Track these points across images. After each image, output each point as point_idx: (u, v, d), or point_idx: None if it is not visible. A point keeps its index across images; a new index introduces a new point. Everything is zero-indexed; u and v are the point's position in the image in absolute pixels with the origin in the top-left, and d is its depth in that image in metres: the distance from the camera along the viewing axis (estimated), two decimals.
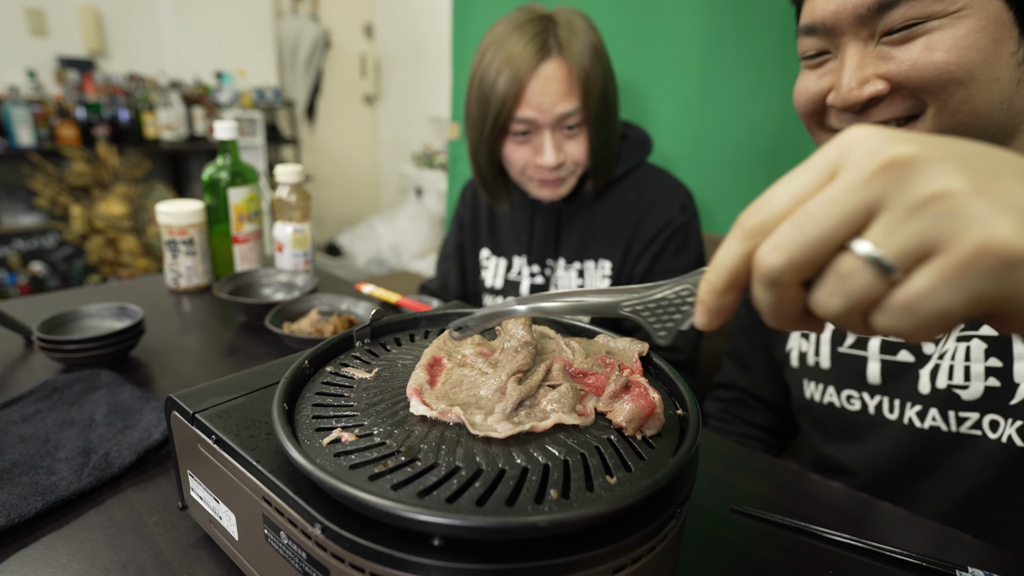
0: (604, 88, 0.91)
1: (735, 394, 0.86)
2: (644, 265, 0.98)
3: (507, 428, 0.36)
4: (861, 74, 0.54)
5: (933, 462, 0.61)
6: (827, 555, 0.48)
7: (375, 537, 0.30)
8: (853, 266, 0.24)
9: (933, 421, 0.60)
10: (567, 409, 0.38)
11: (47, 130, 2.87)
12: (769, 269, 0.25)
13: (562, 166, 0.95)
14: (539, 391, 0.39)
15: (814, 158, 0.25)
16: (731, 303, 0.28)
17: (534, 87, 0.89)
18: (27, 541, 0.46)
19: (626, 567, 0.31)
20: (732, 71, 1.27)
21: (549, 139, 0.92)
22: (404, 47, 4.18)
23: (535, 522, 0.28)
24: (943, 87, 0.51)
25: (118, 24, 3.22)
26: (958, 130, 0.53)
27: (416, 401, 0.38)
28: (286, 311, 0.85)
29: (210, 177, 1.03)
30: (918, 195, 0.23)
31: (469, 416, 0.37)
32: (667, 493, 0.34)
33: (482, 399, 0.39)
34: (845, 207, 0.24)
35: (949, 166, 0.23)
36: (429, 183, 3.71)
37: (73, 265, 2.99)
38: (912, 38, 0.51)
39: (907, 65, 0.51)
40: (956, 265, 0.22)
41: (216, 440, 0.39)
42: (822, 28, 0.56)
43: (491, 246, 1.12)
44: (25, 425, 0.59)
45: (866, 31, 0.53)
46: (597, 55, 0.90)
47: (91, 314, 0.80)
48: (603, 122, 0.93)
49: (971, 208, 0.22)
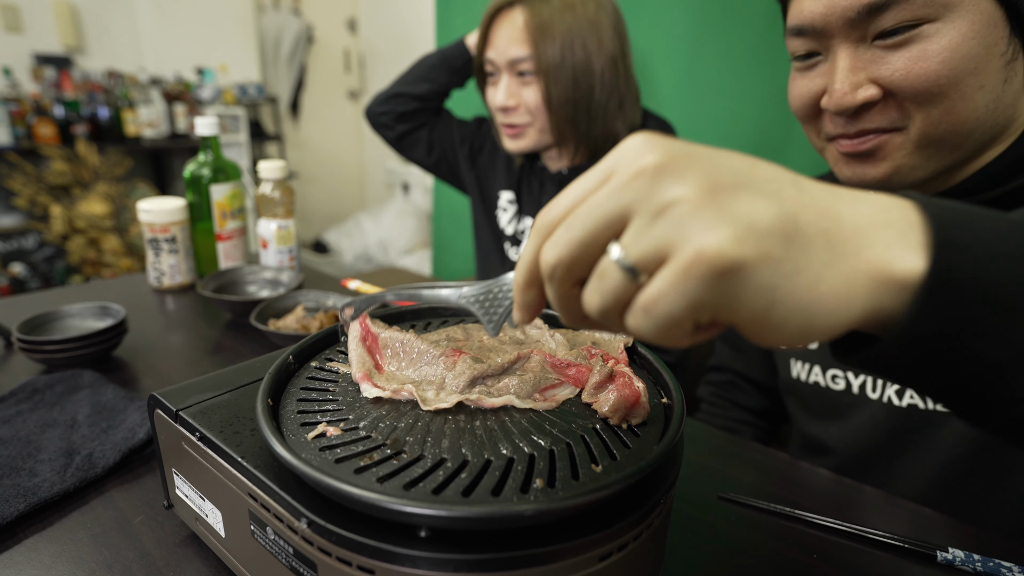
0: (569, 44, 0.94)
1: (727, 376, 0.87)
2: None
3: (455, 398, 0.38)
4: (854, 78, 0.53)
5: (910, 439, 0.62)
6: (812, 539, 0.48)
7: (361, 530, 0.30)
8: (607, 267, 0.25)
9: (911, 399, 0.61)
10: (523, 394, 0.39)
11: (24, 128, 2.82)
12: (544, 265, 0.27)
13: (514, 111, 1.02)
14: (503, 375, 0.41)
15: (599, 164, 0.27)
16: (535, 298, 0.29)
17: (496, 30, 1.00)
18: (10, 543, 0.46)
19: (612, 554, 0.31)
20: (717, 63, 1.28)
21: (504, 80, 1.01)
22: (388, 42, 4.15)
23: (521, 511, 0.28)
24: (930, 98, 0.51)
25: (95, 19, 3.16)
26: (945, 138, 0.52)
27: (367, 385, 0.39)
28: (271, 308, 0.84)
29: (192, 174, 1.02)
30: (658, 202, 0.24)
31: (421, 393, 0.38)
32: (652, 480, 0.34)
33: (432, 375, 0.41)
34: (603, 210, 0.25)
35: (691, 175, 0.23)
36: (416, 178, 3.69)
37: (54, 266, 2.94)
38: (904, 44, 0.50)
39: (900, 73, 0.51)
40: (678, 271, 0.23)
41: (200, 437, 0.39)
42: (811, 30, 0.55)
43: (516, 193, 1.16)
44: (6, 427, 0.58)
45: (857, 33, 0.52)
46: (570, 11, 0.94)
47: (72, 314, 0.79)
48: (565, 78, 0.96)
49: (696, 217, 0.23)
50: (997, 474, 0.58)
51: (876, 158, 0.56)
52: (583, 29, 0.95)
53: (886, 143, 0.55)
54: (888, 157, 0.55)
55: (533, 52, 0.96)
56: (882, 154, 0.55)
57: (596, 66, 0.97)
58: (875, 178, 0.56)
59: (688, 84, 1.32)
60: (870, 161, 0.56)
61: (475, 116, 1.25)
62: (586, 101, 0.99)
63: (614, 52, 0.98)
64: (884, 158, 0.55)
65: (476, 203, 1.24)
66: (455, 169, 1.25)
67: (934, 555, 0.45)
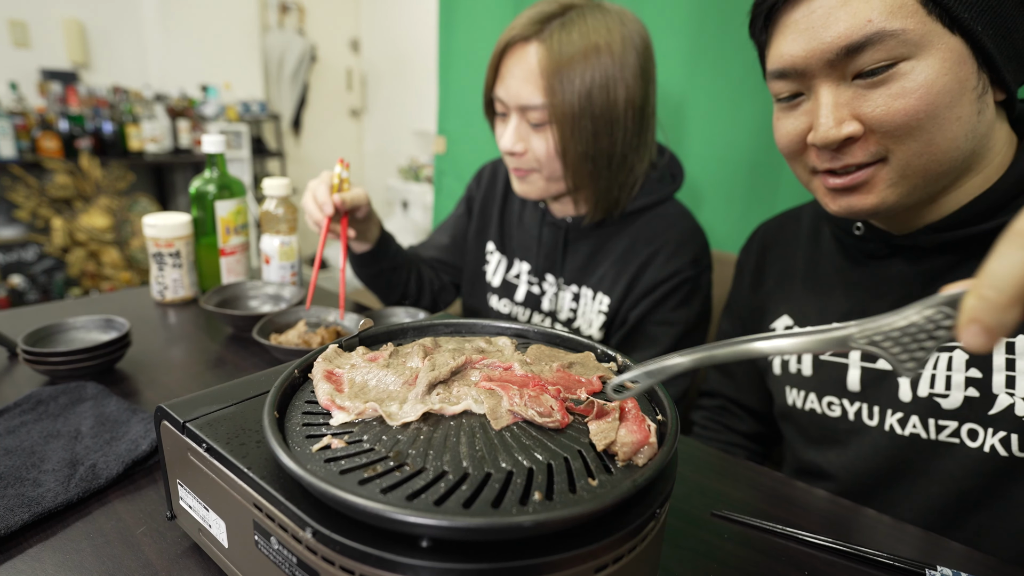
0: (589, 92, 0.82)
1: (719, 402, 0.88)
2: (641, 311, 0.93)
3: (419, 409, 0.39)
4: (838, 114, 0.55)
5: (913, 468, 0.63)
6: (804, 556, 0.49)
7: (365, 539, 0.31)
8: None
9: (914, 428, 0.62)
10: (478, 398, 0.41)
11: (29, 142, 2.84)
12: None
13: (521, 156, 0.90)
14: (452, 380, 0.43)
15: None
16: (1015, 319, 0.25)
17: (508, 66, 0.86)
18: (13, 553, 0.46)
19: (607, 566, 0.32)
20: (711, 87, 1.31)
21: (513, 122, 0.89)
22: (390, 61, 4.22)
23: (520, 522, 0.29)
24: (910, 132, 0.53)
25: (102, 36, 3.21)
26: (927, 168, 0.55)
27: (335, 410, 0.40)
28: (273, 323, 0.86)
29: (197, 190, 1.04)
30: None
31: (385, 408, 0.40)
32: (647, 494, 0.35)
33: (393, 392, 0.42)
34: None
35: None
36: (415, 196, 3.73)
37: (54, 278, 2.95)
38: (883, 82, 0.53)
39: (881, 109, 0.53)
40: None
41: (207, 448, 0.40)
42: (792, 72, 0.57)
43: (497, 241, 1.10)
44: (10, 437, 0.59)
45: (837, 73, 0.55)
46: (594, 53, 0.81)
47: (76, 326, 0.80)
48: (583, 130, 0.84)
49: None
50: (1007, 507, 0.58)
51: (863, 191, 0.58)
52: (607, 73, 0.82)
53: (872, 176, 0.57)
54: (874, 189, 0.58)
55: (548, 101, 0.83)
56: (868, 187, 0.58)
57: (619, 116, 0.84)
58: (863, 209, 0.59)
59: (684, 110, 1.35)
60: (856, 194, 0.59)
61: (479, 170, 1.17)
62: (606, 155, 0.87)
63: (640, 96, 0.86)
64: (870, 190, 0.58)
65: (471, 254, 1.15)
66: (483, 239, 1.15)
67: (923, 573, 0.46)
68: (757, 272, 0.82)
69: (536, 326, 0.55)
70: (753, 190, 1.33)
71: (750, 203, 1.34)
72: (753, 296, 0.82)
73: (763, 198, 1.31)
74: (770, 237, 0.83)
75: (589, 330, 0.97)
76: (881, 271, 0.66)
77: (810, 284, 0.74)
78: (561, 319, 1.01)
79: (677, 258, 0.92)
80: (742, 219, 1.35)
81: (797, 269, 0.76)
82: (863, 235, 0.67)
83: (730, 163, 1.34)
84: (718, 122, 1.33)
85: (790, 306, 0.75)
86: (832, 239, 0.73)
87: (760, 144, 1.28)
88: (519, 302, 1.06)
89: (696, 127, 1.35)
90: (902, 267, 0.64)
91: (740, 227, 1.35)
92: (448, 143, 1.97)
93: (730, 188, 1.36)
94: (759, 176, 1.31)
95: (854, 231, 0.67)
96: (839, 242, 0.72)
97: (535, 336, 0.54)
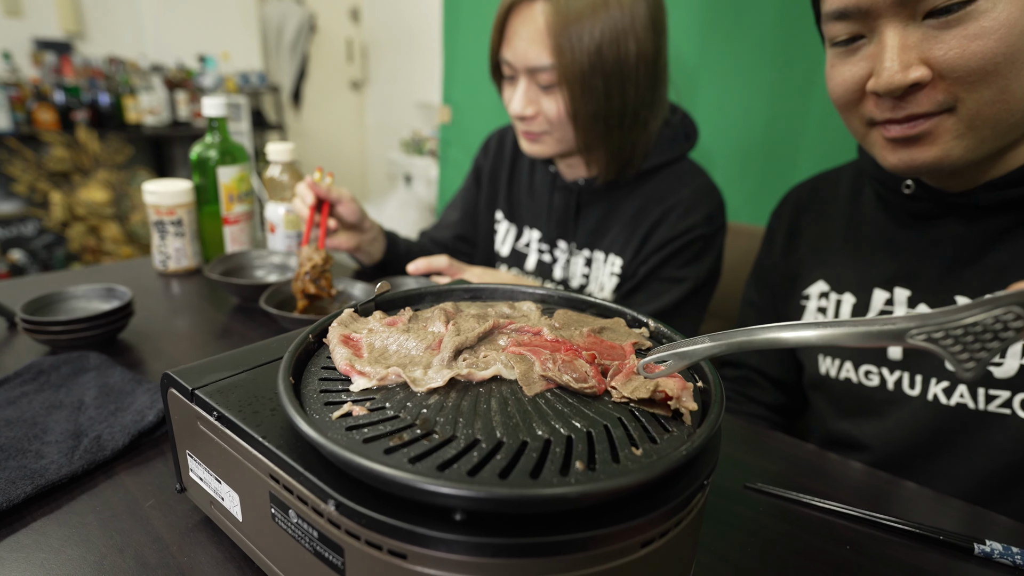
0: (599, 49, 0.79)
1: (742, 372, 0.85)
2: (651, 266, 0.90)
3: (446, 374, 0.36)
4: (904, 57, 0.51)
5: (956, 440, 0.60)
6: (843, 530, 0.47)
7: (393, 512, 0.28)
8: None
9: (960, 398, 0.59)
10: (508, 363, 0.38)
11: (24, 114, 2.79)
12: None
13: (532, 120, 0.88)
14: (480, 344, 0.40)
15: None
16: None
17: (514, 27, 0.83)
18: (17, 526, 0.44)
19: (654, 540, 0.30)
20: (728, 55, 1.26)
21: (522, 85, 0.86)
22: (391, 31, 4.12)
23: (565, 493, 0.27)
24: (984, 78, 0.49)
25: (96, 4, 3.13)
26: (997, 119, 0.51)
27: (355, 376, 0.38)
28: (280, 292, 0.83)
29: (199, 156, 1.00)
30: None
31: (409, 373, 0.37)
32: (694, 465, 0.32)
33: (416, 358, 0.39)
34: None
35: None
36: (418, 170, 3.67)
37: (54, 253, 2.92)
38: (958, 22, 0.48)
39: (955, 52, 0.49)
40: None
41: (218, 417, 0.37)
42: (856, 11, 0.53)
43: (506, 210, 1.07)
44: (10, 408, 0.57)
45: (906, 12, 0.50)
46: (603, 9, 0.78)
47: (77, 295, 0.77)
48: (594, 90, 0.81)
49: None
50: None
51: (925, 142, 0.54)
52: (617, 27, 0.79)
53: (936, 126, 0.53)
54: (938, 141, 0.53)
55: (556, 61, 0.80)
56: (931, 138, 0.54)
57: (631, 71, 0.82)
58: (924, 162, 0.55)
59: (699, 76, 1.30)
60: (919, 145, 0.55)
61: (485, 140, 1.14)
62: (618, 114, 0.84)
63: (652, 50, 0.83)
64: (934, 142, 0.54)
65: (484, 226, 1.14)
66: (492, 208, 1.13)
67: (971, 547, 0.44)
68: (790, 237, 0.79)
69: (559, 291, 0.52)
70: (769, 160, 1.29)
71: (765, 174, 1.30)
72: (785, 263, 0.78)
73: (780, 168, 1.27)
74: (804, 200, 0.79)
75: (601, 294, 0.95)
76: (931, 232, 0.62)
77: (850, 248, 0.70)
78: (573, 286, 0.98)
79: (691, 215, 0.89)
80: (758, 189, 1.32)
81: (835, 233, 0.73)
82: (913, 193, 0.62)
83: (746, 131, 1.29)
84: (733, 88, 1.28)
85: (826, 271, 0.72)
86: (875, 200, 0.69)
87: (779, 112, 1.24)
88: (530, 271, 1.03)
89: (710, 94, 1.30)
90: (956, 227, 0.60)
91: (756, 198, 1.32)
92: (453, 112, 1.92)
93: (744, 157, 1.32)
94: (776, 145, 1.27)
95: (903, 190, 0.63)
96: (883, 202, 0.67)
97: (559, 301, 0.51)
